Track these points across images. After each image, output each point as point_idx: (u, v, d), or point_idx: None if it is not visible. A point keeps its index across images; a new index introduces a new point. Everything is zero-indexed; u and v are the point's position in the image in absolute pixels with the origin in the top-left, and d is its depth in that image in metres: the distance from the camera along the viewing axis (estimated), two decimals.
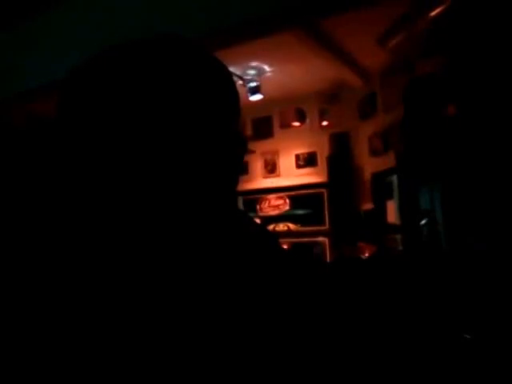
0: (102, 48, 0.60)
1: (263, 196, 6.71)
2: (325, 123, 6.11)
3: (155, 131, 0.55)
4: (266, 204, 6.70)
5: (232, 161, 0.63)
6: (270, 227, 6.52)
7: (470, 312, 2.99)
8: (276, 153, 6.58)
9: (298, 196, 6.44)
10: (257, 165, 6.69)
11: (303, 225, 6.39)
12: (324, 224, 6.18)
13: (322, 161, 6.16)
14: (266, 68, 5.20)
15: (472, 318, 2.94)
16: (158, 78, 0.57)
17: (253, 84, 5.31)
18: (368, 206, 5.43)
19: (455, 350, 2.52)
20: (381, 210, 5.15)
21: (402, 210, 4.52)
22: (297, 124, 6.37)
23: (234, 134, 0.64)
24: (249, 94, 5.33)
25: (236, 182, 0.66)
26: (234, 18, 3.40)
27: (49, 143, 0.60)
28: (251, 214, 6.66)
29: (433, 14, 3.52)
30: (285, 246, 5.94)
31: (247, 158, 6.46)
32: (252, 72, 5.25)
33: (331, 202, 6.02)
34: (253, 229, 0.69)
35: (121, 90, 0.56)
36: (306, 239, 6.23)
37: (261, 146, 6.54)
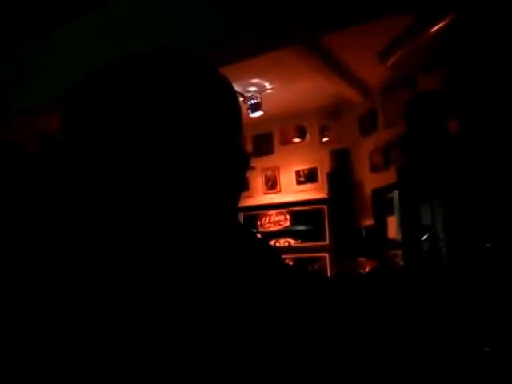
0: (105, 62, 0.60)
1: (264, 212, 6.69)
2: (325, 139, 6.12)
3: (158, 145, 0.55)
4: (267, 220, 6.67)
5: (234, 176, 0.62)
6: (271, 243, 6.49)
7: (474, 325, 2.95)
8: (276, 169, 6.58)
9: (299, 212, 6.41)
10: (257, 181, 6.69)
11: (304, 240, 6.35)
12: (325, 240, 6.15)
13: (322, 177, 6.15)
14: (267, 85, 5.21)
15: (476, 330, 2.90)
16: (161, 90, 0.56)
17: (253, 101, 5.34)
18: (369, 221, 5.41)
19: (455, 365, 2.47)
20: (381, 226, 5.14)
21: (402, 225, 4.49)
22: (297, 140, 6.37)
23: (237, 149, 0.63)
24: (249, 111, 5.35)
25: (238, 198, 0.64)
26: (234, 35, 3.39)
27: (56, 164, 0.60)
28: (252, 230, 6.66)
29: (434, 29, 3.51)
30: (289, 262, 5.90)
31: (248, 174, 6.45)
32: (253, 89, 5.27)
33: (332, 217, 6.00)
34: (254, 243, 0.68)
35: (124, 104, 0.56)
36: (306, 255, 6.18)
37: (261, 163, 6.53)
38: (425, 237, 4.05)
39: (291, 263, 5.83)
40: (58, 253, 0.59)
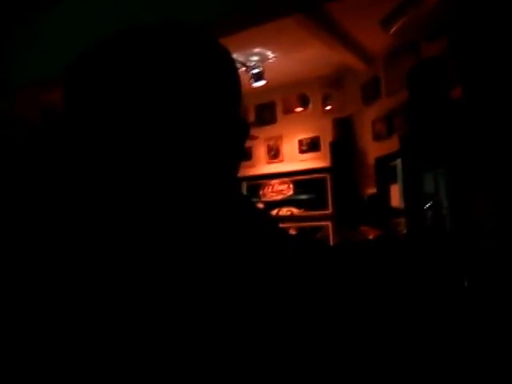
0: (105, 35, 0.60)
1: (267, 181, 6.70)
2: (328, 108, 6.07)
3: (157, 117, 0.55)
4: (270, 189, 6.68)
5: (233, 145, 0.62)
6: (274, 212, 6.52)
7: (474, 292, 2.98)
8: (279, 138, 6.56)
9: (302, 181, 6.42)
10: (260, 150, 6.68)
11: (307, 209, 6.37)
12: (327, 208, 6.16)
13: (325, 146, 6.12)
14: (269, 54, 5.17)
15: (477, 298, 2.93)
16: (160, 64, 0.56)
17: (256, 70, 5.30)
18: (371, 190, 5.41)
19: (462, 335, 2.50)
20: (384, 194, 5.14)
21: (405, 194, 4.50)
22: (300, 109, 6.33)
23: (236, 119, 0.63)
24: (252, 81, 5.32)
25: (238, 166, 0.65)
26: (236, 5, 3.36)
27: (57, 139, 0.60)
28: (255, 200, 6.69)
29: None
30: (292, 231, 5.95)
31: (250, 143, 6.44)
32: (255, 58, 5.22)
33: (334, 186, 5.99)
34: (253, 211, 0.68)
35: (125, 76, 0.55)
36: (309, 224, 6.21)
37: (264, 132, 6.52)
38: (428, 205, 4.06)
39: (294, 232, 5.88)
40: (53, 242, 0.59)
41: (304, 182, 6.39)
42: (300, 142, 6.39)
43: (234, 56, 5.01)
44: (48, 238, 0.60)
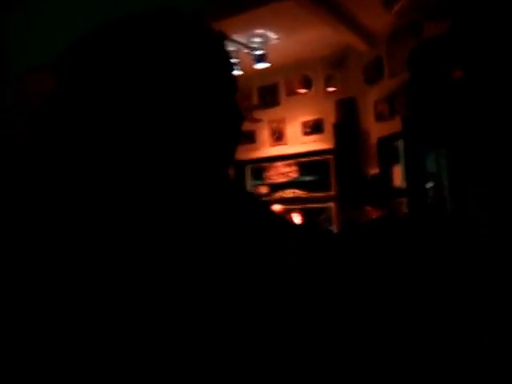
0: (104, 21, 0.61)
1: (271, 164, 6.71)
2: (331, 89, 6.05)
3: (153, 103, 0.56)
4: (274, 171, 6.70)
5: (229, 131, 0.64)
6: (278, 194, 6.54)
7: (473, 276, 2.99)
8: (283, 121, 6.55)
9: (306, 163, 6.43)
10: (264, 133, 6.68)
11: (311, 191, 6.38)
12: (331, 190, 6.17)
13: (328, 127, 6.10)
14: (272, 35, 5.14)
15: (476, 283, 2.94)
16: (157, 53, 0.58)
17: (258, 52, 5.26)
18: (374, 170, 5.42)
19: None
20: (387, 175, 5.15)
21: (408, 174, 4.50)
22: (303, 91, 6.30)
23: (230, 105, 0.65)
24: (255, 62, 5.29)
25: (233, 150, 0.67)
26: None
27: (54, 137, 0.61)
28: (260, 182, 6.71)
29: None
30: (297, 213, 5.96)
31: (254, 126, 6.44)
32: (257, 40, 5.20)
33: (338, 168, 5.99)
34: (245, 194, 0.70)
35: (120, 63, 0.57)
36: (314, 205, 6.23)
37: (267, 115, 6.52)
38: (430, 185, 4.07)
39: (298, 218, 5.88)
40: (53, 237, 0.59)
41: (308, 164, 6.41)
42: (303, 124, 6.38)
43: (237, 38, 5.00)
44: (48, 237, 0.60)
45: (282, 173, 6.62)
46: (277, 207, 5.56)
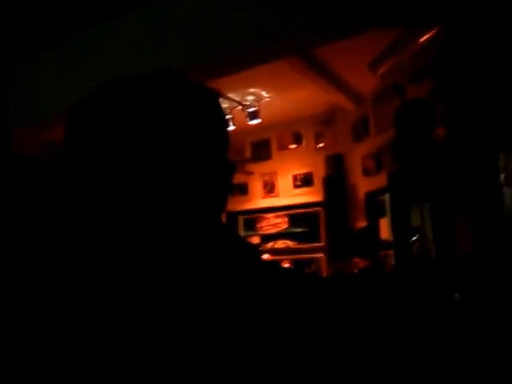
0: (106, 81, 0.64)
1: (263, 215, 6.72)
2: (320, 145, 6.15)
3: (152, 158, 0.58)
4: (266, 223, 6.70)
5: (221, 183, 0.66)
6: (269, 245, 6.53)
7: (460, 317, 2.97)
8: (274, 174, 6.61)
9: (296, 215, 6.45)
10: (256, 185, 6.72)
11: (301, 242, 6.38)
12: (321, 241, 6.17)
13: (318, 181, 6.18)
14: (264, 94, 5.25)
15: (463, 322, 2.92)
16: (156, 111, 0.60)
17: (252, 109, 5.36)
18: (362, 223, 5.43)
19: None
20: (374, 227, 5.15)
21: (394, 227, 4.52)
22: (294, 146, 6.41)
23: (223, 159, 0.67)
24: (248, 119, 5.38)
25: (225, 201, 0.68)
26: (233, 48, 3.45)
27: (58, 171, 0.63)
28: (252, 232, 6.71)
29: (421, 41, 3.55)
30: (287, 264, 5.94)
31: (247, 179, 6.50)
32: (251, 98, 5.30)
33: (327, 219, 6.02)
34: (238, 243, 0.70)
35: (122, 122, 0.59)
36: (304, 256, 6.21)
37: (260, 168, 6.59)
38: (414, 238, 4.08)
39: (288, 265, 5.84)
40: (59, 256, 0.60)
41: (298, 216, 6.42)
42: (294, 177, 6.45)
43: (231, 95, 5.11)
44: (49, 246, 0.62)
45: (273, 224, 6.62)
46: (266, 257, 5.55)
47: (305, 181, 6.36)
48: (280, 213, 6.57)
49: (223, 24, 3.37)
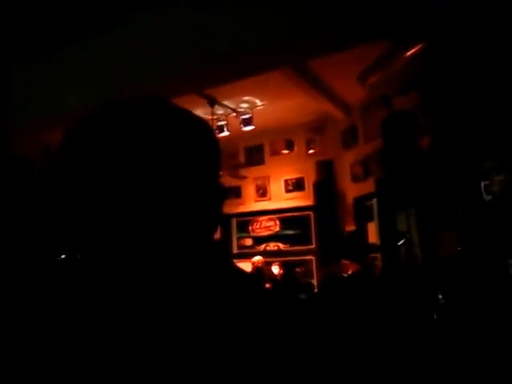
0: (104, 103, 0.64)
1: (255, 218, 6.80)
2: (311, 151, 6.26)
3: (144, 185, 0.58)
4: (258, 225, 6.79)
5: (212, 208, 0.65)
6: (262, 247, 6.61)
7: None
8: (267, 178, 6.68)
9: (287, 218, 6.54)
10: (249, 189, 6.79)
11: (292, 244, 6.48)
12: (311, 243, 6.27)
13: (308, 185, 6.27)
14: (258, 102, 5.32)
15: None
16: (149, 138, 0.59)
17: (245, 116, 5.41)
18: (351, 227, 5.51)
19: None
20: (362, 231, 5.23)
21: (381, 231, 4.59)
22: (286, 152, 6.51)
23: (215, 185, 0.66)
24: (242, 125, 5.44)
25: (216, 225, 0.68)
26: (229, 58, 3.52)
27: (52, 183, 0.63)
28: (244, 234, 6.78)
29: (408, 54, 3.63)
30: (278, 267, 5.92)
31: (240, 183, 6.55)
32: (245, 105, 5.37)
33: (318, 223, 6.12)
34: (231, 268, 0.69)
35: (115, 146, 0.59)
36: (294, 258, 6.29)
37: (253, 172, 6.64)
38: (401, 242, 4.17)
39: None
40: (59, 270, 0.64)
41: (290, 219, 6.51)
42: (286, 181, 6.54)
43: (227, 103, 5.17)
44: (45, 276, 0.64)
45: (266, 226, 6.71)
46: (257, 258, 5.58)
47: (296, 185, 6.45)
48: (272, 216, 6.67)
49: (219, 37, 3.44)
